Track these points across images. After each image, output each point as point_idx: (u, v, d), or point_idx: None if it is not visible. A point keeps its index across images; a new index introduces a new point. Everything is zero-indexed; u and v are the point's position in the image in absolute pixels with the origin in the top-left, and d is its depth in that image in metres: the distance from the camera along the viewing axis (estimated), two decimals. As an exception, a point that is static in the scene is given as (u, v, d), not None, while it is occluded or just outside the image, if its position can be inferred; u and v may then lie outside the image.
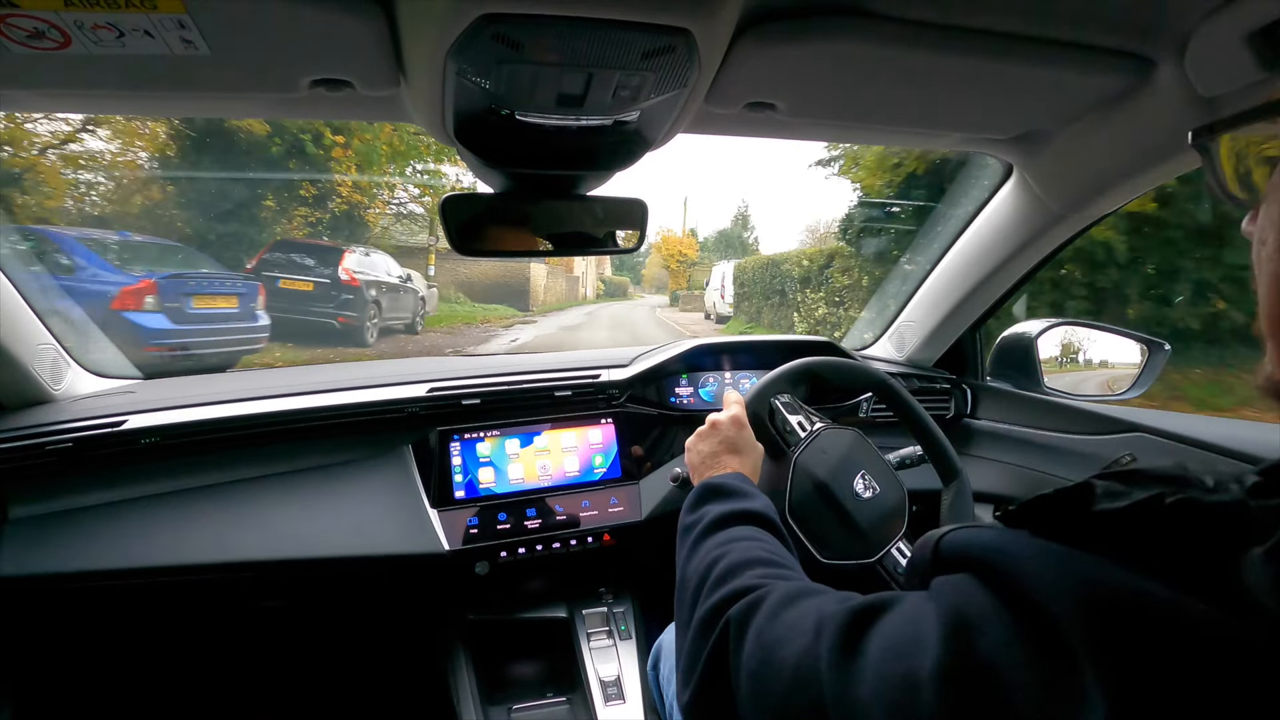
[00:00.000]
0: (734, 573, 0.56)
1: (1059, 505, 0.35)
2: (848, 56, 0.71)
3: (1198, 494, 0.30)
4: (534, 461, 1.23)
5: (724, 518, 0.67)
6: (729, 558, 0.59)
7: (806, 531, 0.89)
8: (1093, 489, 0.33)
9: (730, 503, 0.70)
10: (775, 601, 0.49)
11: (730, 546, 0.61)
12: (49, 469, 1.02)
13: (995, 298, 1.34)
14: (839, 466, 0.93)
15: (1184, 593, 0.28)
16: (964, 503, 0.99)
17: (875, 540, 0.90)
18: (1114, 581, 0.30)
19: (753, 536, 0.63)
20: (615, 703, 1.14)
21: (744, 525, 0.66)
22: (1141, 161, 0.92)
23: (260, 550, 1.06)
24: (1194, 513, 0.29)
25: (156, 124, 7.56)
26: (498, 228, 0.91)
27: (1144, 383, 1.28)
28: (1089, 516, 0.33)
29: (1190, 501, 0.30)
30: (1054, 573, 0.32)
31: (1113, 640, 0.28)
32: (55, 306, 1.13)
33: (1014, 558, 0.34)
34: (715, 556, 0.60)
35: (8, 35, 0.58)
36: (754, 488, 0.75)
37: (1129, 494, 0.32)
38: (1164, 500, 0.30)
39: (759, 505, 0.70)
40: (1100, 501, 0.32)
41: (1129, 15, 0.69)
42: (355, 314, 7.08)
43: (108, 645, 1.30)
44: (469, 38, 0.55)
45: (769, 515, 0.69)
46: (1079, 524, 0.33)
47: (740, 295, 14.28)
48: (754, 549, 0.60)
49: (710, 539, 0.64)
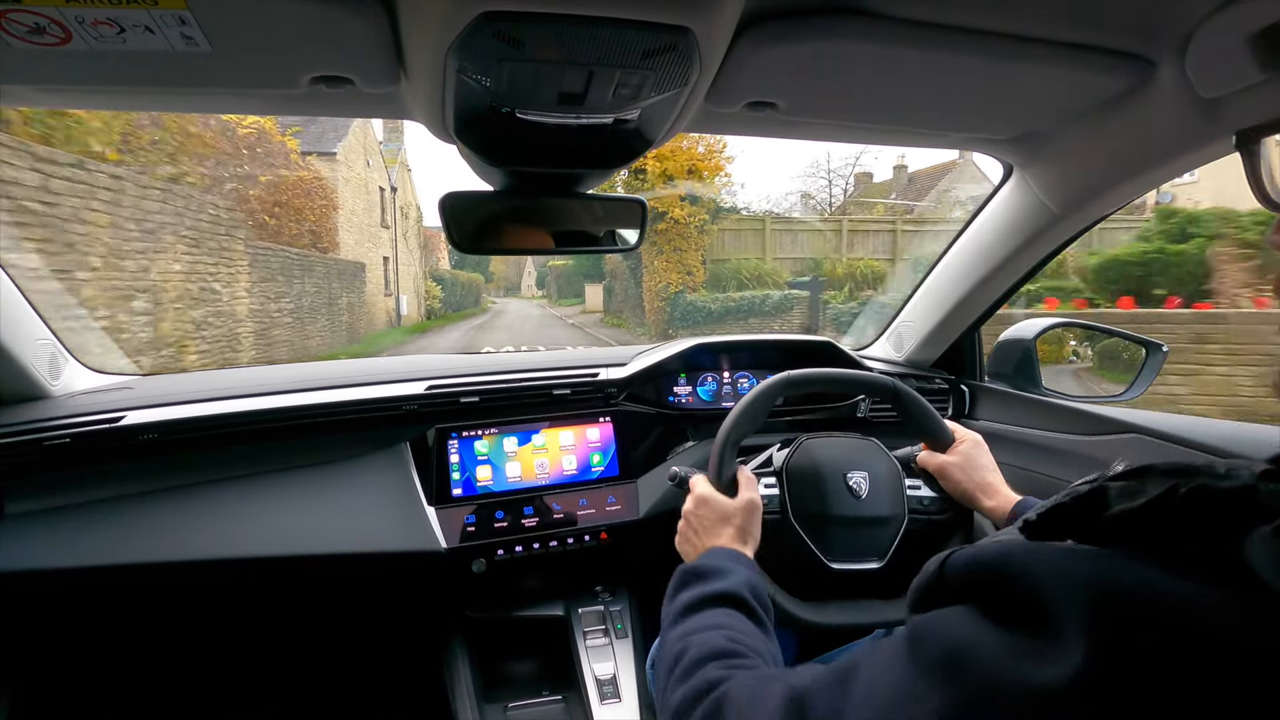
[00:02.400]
0: (696, 666, 0.57)
1: (1076, 511, 0.35)
2: (848, 56, 0.71)
3: (1209, 481, 0.31)
4: (532, 460, 1.23)
5: (692, 604, 0.68)
6: (691, 651, 0.59)
7: (813, 538, 0.90)
8: (1106, 492, 0.34)
9: (700, 587, 0.70)
10: (740, 696, 0.50)
11: (694, 638, 0.61)
12: (47, 465, 1.02)
13: (994, 298, 1.34)
14: (826, 469, 0.94)
15: (1192, 582, 0.29)
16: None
17: (882, 540, 0.91)
18: (1122, 578, 0.30)
19: (719, 624, 0.63)
20: (611, 701, 1.14)
21: (711, 609, 0.66)
22: (1142, 162, 0.92)
23: (258, 547, 1.06)
24: (1206, 499, 0.30)
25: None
26: (498, 226, 0.91)
27: (1142, 383, 1.28)
28: (1107, 519, 0.33)
29: (1202, 488, 0.31)
30: (1058, 574, 0.32)
31: (1104, 625, 0.29)
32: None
33: (1020, 563, 0.34)
34: (681, 648, 0.60)
35: (8, 30, 0.58)
36: (733, 561, 0.74)
37: (1144, 490, 0.32)
38: (1178, 491, 0.31)
39: (729, 584, 0.69)
40: (1116, 503, 0.33)
41: (1129, 16, 0.69)
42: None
43: (105, 641, 1.30)
44: (470, 35, 0.55)
45: (739, 594, 0.68)
46: (1096, 526, 0.34)
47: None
48: (715, 639, 0.60)
49: (678, 627, 0.65)
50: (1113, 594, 0.30)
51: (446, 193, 0.85)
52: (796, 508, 0.91)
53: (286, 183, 10.60)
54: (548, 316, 23.07)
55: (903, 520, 0.93)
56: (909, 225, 14.01)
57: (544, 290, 38.24)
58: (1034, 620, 0.32)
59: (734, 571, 0.71)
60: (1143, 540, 0.32)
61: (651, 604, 1.27)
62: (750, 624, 0.65)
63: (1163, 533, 0.31)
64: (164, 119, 6.51)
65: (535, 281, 41.95)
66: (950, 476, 0.93)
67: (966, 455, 0.94)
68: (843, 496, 0.92)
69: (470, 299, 25.41)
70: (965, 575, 0.38)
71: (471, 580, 1.16)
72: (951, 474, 0.93)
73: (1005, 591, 0.35)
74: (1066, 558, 0.33)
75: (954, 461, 0.94)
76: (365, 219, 15.45)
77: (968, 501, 0.92)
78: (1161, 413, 1.13)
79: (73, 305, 3.93)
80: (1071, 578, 0.31)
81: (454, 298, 22.39)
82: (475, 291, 27.12)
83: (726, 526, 0.81)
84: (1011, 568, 0.35)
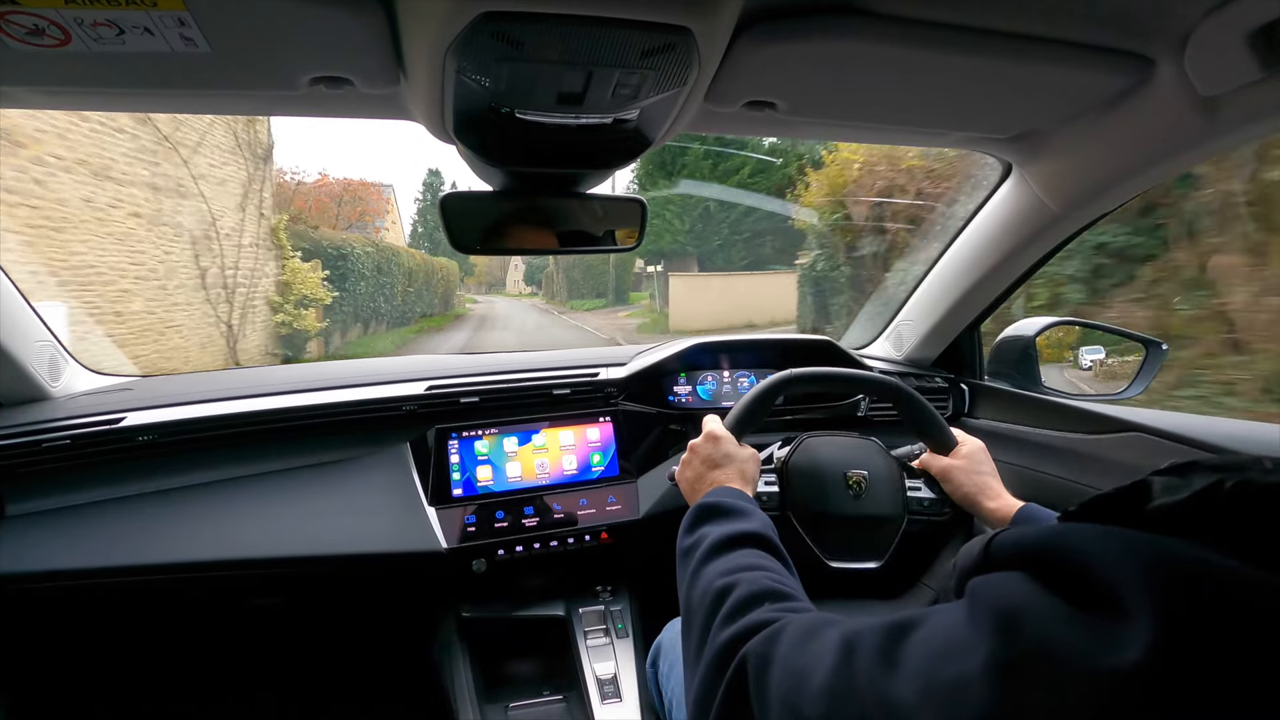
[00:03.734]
0: (747, 606, 0.56)
1: (1118, 503, 0.35)
2: (848, 55, 0.71)
3: (1256, 475, 0.31)
4: (532, 460, 1.23)
5: (724, 541, 0.66)
6: (739, 589, 0.58)
7: (811, 536, 0.90)
8: (1149, 485, 0.34)
9: (728, 524, 0.69)
10: (797, 632, 0.49)
11: (739, 576, 0.60)
12: (47, 466, 1.02)
13: (994, 297, 1.34)
14: (827, 468, 0.94)
15: (1244, 562, 0.29)
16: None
17: (881, 540, 0.91)
18: (1175, 552, 0.31)
19: (758, 565, 0.62)
20: (612, 701, 1.14)
21: (746, 549, 0.65)
22: (1141, 161, 0.92)
23: (258, 548, 1.06)
24: (1253, 493, 0.31)
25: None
26: (498, 226, 0.91)
27: (1142, 382, 1.28)
28: (1150, 510, 0.33)
29: (1249, 482, 0.31)
30: (1117, 550, 0.32)
31: (1172, 599, 0.29)
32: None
33: (1075, 542, 0.34)
34: (724, 586, 0.59)
35: (8, 32, 0.58)
36: (748, 502, 0.75)
37: (1188, 484, 0.33)
38: (1224, 486, 0.31)
39: (756, 525, 0.69)
40: (1159, 497, 0.33)
41: (1128, 14, 0.69)
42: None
43: (105, 642, 1.30)
44: (469, 36, 0.55)
45: (768, 535, 0.68)
46: (1138, 517, 0.34)
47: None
48: (763, 580, 0.59)
49: (712, 564, 0.64)
50: (1178, 571, 0.30)
51: (446, 193, 0.85)
52: (796, 506, 0.91)
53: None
54: (573, 326, 16.31)
55: (902, 520, 0.93)
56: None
57: (536, 288, 34.89)
58: (1093, 593, 0.32)
59: (754, 513, 0.72)
60: (1187, 531, 0.32)
61: (652, 604, 1.27)
62: (783, 567, 0.64)
63: (1207, 524, 0.31)
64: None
65: (523, 277, 39.49)
66: (954, 479, 0.94)
67: (970, 458, 0.94)
68: (842, 495, 0.92)
69: (433, 299, 15.23)
70: (1013, 553, 0.38)
71: (472, 580, 1.16)
72: (956, 477, 0.93)
73: (1060, 565, 0.34)
74: (1123, 535, 0.33)
75: (959, 465, 0.94)
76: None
77: (970, 504, 0.92)
78: (1163, 411, 1.13)
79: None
80: (1130, 554, 0.32)
81: (381, 298, 11.22)
82: (445, 284, 16.79)
83: (734, 466, 0.83)
84: (1064, 545, 0.35)
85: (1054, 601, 0.33)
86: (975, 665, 0.34)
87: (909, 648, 0.39)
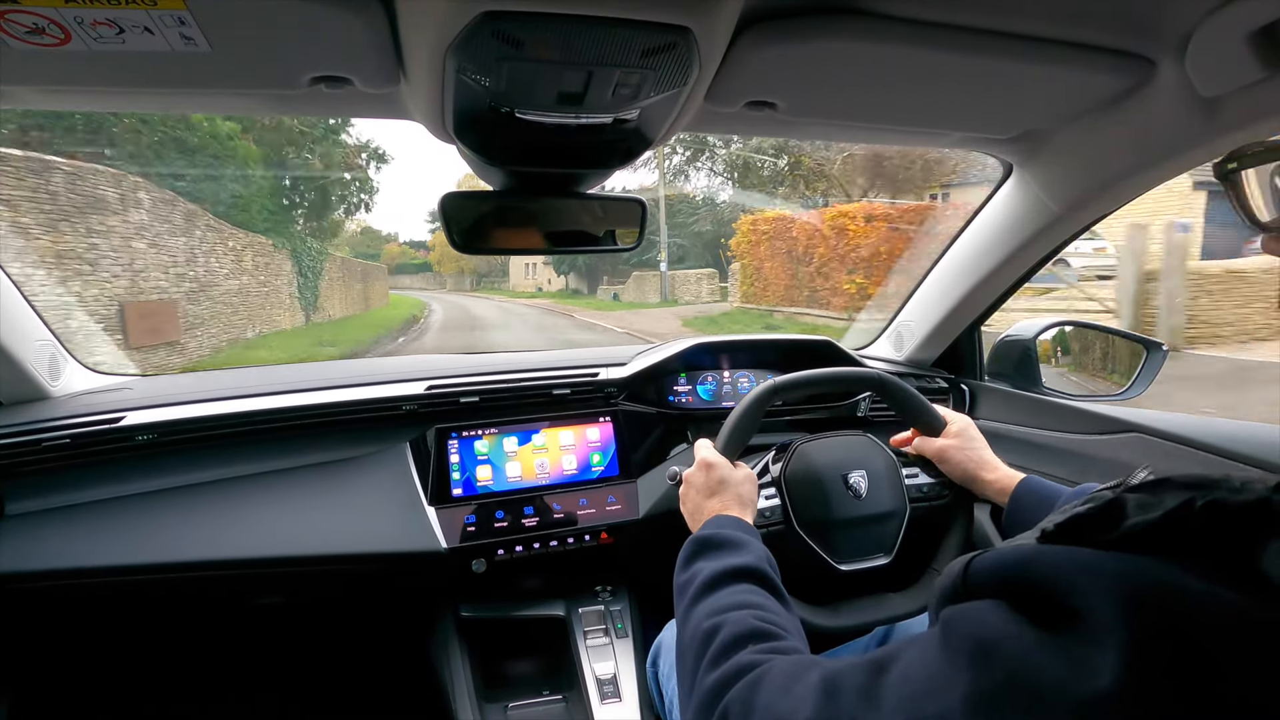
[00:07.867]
0: (732, 649, 0.56)
1: (1093, 523, 0.36)
2: (848, 56, 0.71)
3: (1225, 495, 0.31)
4: (532, 459, 1.23)
5: (715, 578, 0.66)
6: (725, 631, 0.58)
7: (819, 543, 0.89)
8: (1124, 505, 0.35)
9: (720, 558, 0.69)
10: (779, 677, 0.50)
11: (725, 617, 0.60)
12: (46, 465, 1.02)
13: (994, 297, 1.34)
14: (825, 473, 0.94)
15: (1213, 582, 0.30)
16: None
17: (888, 535, 0.91)
18: (1146, 574, 0.31)
19: (747, 602, 0.63)
20: (611, 701, 1.14)
21: (737, 584, 0.66)
22: (1142, 161, 0.92)
23: (257, 548, 1.05)
24: (1222, 512, 0.31)
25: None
26: (497, 225, 0.91)
27: (1142, 383, 1.28)
28: (1123, 530, 0.34)
29: (1218, 502, 0.31)
30: (1088, 573, 0.33)
31: (1143, 621, 0.30)
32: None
33: (1047, 566, 0.35)
34: (710, 627, 0.60)
35: (8, 31, 0.58)
36: (744, 531, 0.74)
37: (1160, 503, 0.33)
38: (1194, 505, 0.32)
39: (749, 559, 0.68)
40: (1133, 516, 0.34)
41: (1129, 15, 0.69)
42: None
43: (105, 642, 1.30)
44: (469, 35, 0.55)
45: (760, 568, 0.68)
46: (1112, 537, 0.34)
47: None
48: (748, 620, 0.59)
49: (702, 604, 0.64)
50: (1146, 591, 0.30)
51: (446, 193, 0.85)
52: (800, 516, 0.91)
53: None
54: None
55: (905, 512, 0.93)
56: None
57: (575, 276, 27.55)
58: (1064, 617, 0.32)
59: (749, 544, 0.72)
60: (1159, 550, 0.32)
61: (652, 604, 1.27)
62: (774, 600, 0.65)
63: (1179, 543, 0.32)
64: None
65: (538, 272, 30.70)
66: (950, 458, 0.94)
67: (962, 435, 0.95)
68: (844, 498, 0.92)
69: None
70: (991, 578, 0.39)
71: (471, 580, 1.16)
72: (951, 455, 0.94)
73: (1033, 591, 0.35)
74: (1093, 558, 0.34)
75: (952, 444, 0.94)
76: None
77: (969, 481, 0.92)
78: (1163, 411, 1.13)
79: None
80: (1101, 574, 0.32)
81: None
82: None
83: (731, 492, 0.83)
84: (1039, 568, 0.35)
85: (1027, 629, 0.34)
86: (955, 699, 0.34)
87: (889, 685, 0.40)
